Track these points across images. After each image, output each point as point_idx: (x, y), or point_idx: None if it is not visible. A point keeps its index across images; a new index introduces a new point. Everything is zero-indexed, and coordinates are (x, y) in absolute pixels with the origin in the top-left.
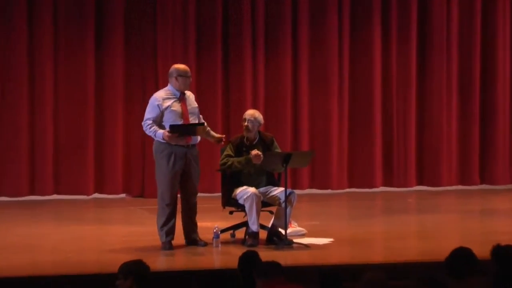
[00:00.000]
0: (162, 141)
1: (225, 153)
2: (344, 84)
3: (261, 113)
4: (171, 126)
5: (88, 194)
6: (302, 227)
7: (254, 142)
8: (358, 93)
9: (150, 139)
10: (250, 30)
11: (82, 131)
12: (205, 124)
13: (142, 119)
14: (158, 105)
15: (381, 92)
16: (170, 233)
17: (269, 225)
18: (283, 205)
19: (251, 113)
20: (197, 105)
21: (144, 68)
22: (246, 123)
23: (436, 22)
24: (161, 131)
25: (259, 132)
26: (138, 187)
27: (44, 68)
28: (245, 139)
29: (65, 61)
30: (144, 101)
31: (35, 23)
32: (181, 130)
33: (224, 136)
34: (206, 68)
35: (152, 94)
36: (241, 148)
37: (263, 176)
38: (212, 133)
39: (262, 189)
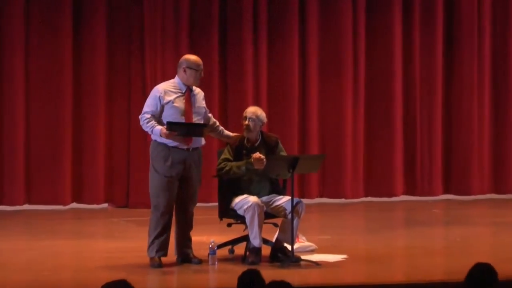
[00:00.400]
0: (159, 140)
1: (223, 156)
2: (360, 78)
3: (263, 110)
4: (169, 123)
5: (64, 204)
6: (311, 241)
7: (256, 144)
8: (375, 88)
9: (137, 141)
10: (251, 13)
11: (58, 132)
12: (210, 125)
13: (126, 118)
14: (159, 97)
15: (402, 87)
16: (163, 248)
17: (273, 240)
18: (289, 216)
19: (252, 110)
20: (204, 106)
21: (130, 58)
22: (246, 122)
23: (466, 6)
24: (159, 127)
25: (261, 132)
26: (122, 196)
27: (12, 60)
28: (245, 141)
29: (37, 51)
30: (130, 98)
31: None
32: (181, 129)
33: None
34: (200, 57)
35: (138, 90)
36: (240, 151)
37: (266, 183)
38: (227, 132)
39: (265, 198)
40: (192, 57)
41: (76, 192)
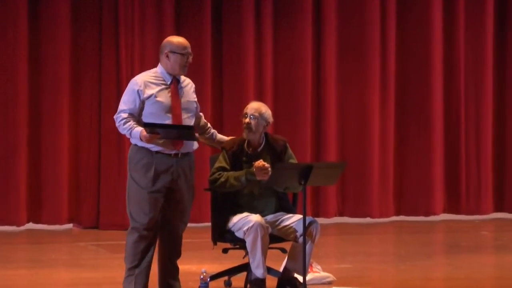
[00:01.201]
0: (140, 143)
1: (217, 164)
2: (389, 68)
3: (269, 108)
4: (146, 125)
5: (18, 225)
6: (327, 271)
7: (259, 149)
8: (408, 80)
9: (109, 146)
10: None
11: (10, 135)
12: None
13: (96, 118)
14: (138, 91)
15: (442, 79)
16: (142, 279)
17: (281, 269)
18: (300, 240)
19: (255, 106)
20: (195, 99)
21: (100, 44)
22: (247, 120)
23: None
24: (138, 128)
25: (265, 134)
26: (91, 215)
27: None
28: (245, 145)
29: None
30: (100, 94)
31: None
32: (161, 132)
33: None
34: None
35: (111, 83)
36: (239, 158)
37: (271, 199)
38: (220, 137)
39: (270, 217)
40: (176, 39)
41: (32, 209)
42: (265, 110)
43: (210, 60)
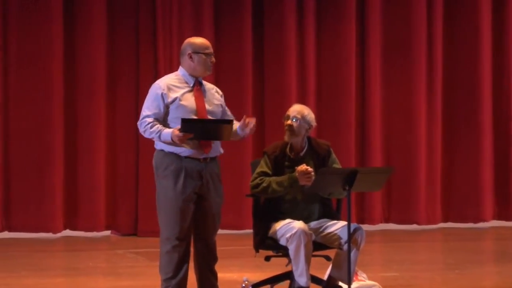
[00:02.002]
0: (168, 148)
1: (259, 169)
2: (436, 68)
3: (311, 111)
4: (184, 121)
5: (55, 232)
6: (373, 280)
7: (302, 153)
8: (456, 81)
9: (147, 150)
10: None
11: (45, 139)
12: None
13: (134, 121)
14: (162, 94)
15: (491, 85)
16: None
17: (325, 278)
18: (345, 247)
19: (297, 109)
20: (221, 103)
21: (137, 45)
22: (289, 122)
23: None
24: (168, 130)
25: (308, 138)
26: (130, 221)
27: None
28: (287, 149)
29: (17, 35)
30: (138, 96)
31: None
32: (199, 129)
33: (252, 118)
34: (229, 42)
35: (149, 85)
36: (281, 162)
37: (315, 205)
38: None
39: (313, 224)
40: (198, 39)
41: (69, 216)
42: (308, 112)
43: (251, 62)
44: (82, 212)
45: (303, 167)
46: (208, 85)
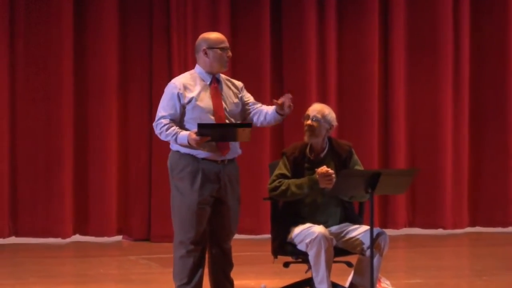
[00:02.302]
0: (184, 150)
1: (277, 171)
2: (463, 64)
3: (332, 110)
4: (201, 126)
5: (64, 237)
6: (397, 287)
7: (322, 155)
8: (484, 78)
9: (161, 150)
10: None
11: (54, 140)
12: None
13: (147, 121)
14: (178, 94)
15: None
16: None
17: (347, 284)
18: (367, 253)
19: (317, 108)
20: (240, 100)
21: (151, 42)
22: (309, 122)
23: None
24: (185, 133)
25: (329, 139)
26: (142, 226)
27: None
28: (307, 150)
29: (25, 32)
30: (151, 95)
31: None
32: (216, 133)
33: (286, 96)
34: (246, 39)
35: (163, 83)
36: (301, 164)
37: (336, 208)
38: (267, 108)
39: (334, 229)
40: (213, 34)
41: (79, 220)
42: (329, 112)
43: (269, 60)
44: (92, 216)
45: (323, 168)
46: (226, 81)
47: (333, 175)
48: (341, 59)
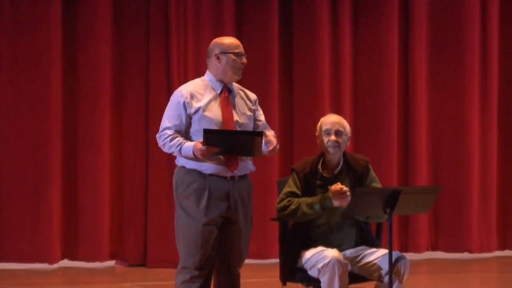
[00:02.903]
0: (190, 165)
1: (286, 189)
2: (491, 74)
3: (345, 119)
4: (207, 132)
5: (51, 262)
6: None
7: (336, 171)
8: None
9: (158, 166)
10: None
11: (41, 152)
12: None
13: (143, 132)
14: (184, 103)
15: None
16: None
17: None
18: (386, 279)
19: (336, 120)
20: (251, 114)
21: (147, 43)
22: (333, 138)
23: None
24: (190, 143)
25: (344, 154)
26: (137, 250)
27: None
28: (319, 165)
29: (12, 35)
30: (147, 103)
31: None
32: (223, 142)
33: (275, 145)
34: (252, 42)
35: (160, 91)
36: (313, 181)
37: (351, 230)
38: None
39: (349, 252)
40: (227, 38)
41: (68, 244)
42: (346, 123)
43: (277, 65)
44: (82, 239)
45: (337, 186)
46: (239, 91)
47: (348, 193)
48: (357, 63)
